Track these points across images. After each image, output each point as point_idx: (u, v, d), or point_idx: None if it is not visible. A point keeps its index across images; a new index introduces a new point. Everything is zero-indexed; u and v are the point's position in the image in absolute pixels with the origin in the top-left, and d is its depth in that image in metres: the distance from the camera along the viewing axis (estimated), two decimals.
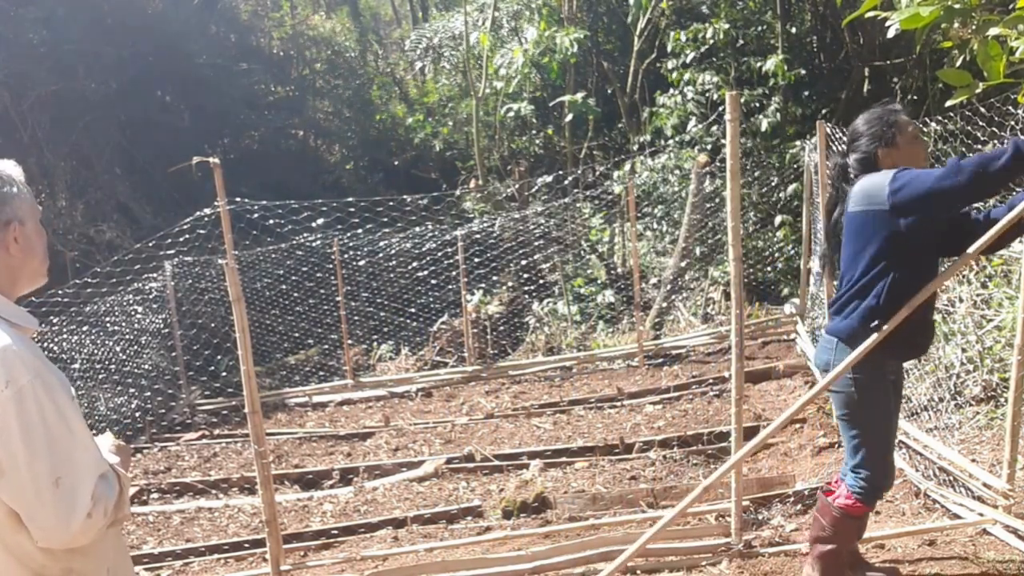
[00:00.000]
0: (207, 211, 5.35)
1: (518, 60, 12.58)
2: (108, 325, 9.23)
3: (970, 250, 2.95)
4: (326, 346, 11.33)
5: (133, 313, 9.84)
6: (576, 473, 6.07)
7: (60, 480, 1.71)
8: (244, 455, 7.70)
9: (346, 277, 10.46)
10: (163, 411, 9.54)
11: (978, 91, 2.48)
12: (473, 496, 5.86)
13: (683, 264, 10.13)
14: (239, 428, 8.50)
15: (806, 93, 11.65)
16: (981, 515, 4.15)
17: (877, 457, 3.23)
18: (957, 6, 2.26)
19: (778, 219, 10.15)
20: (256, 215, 7.40)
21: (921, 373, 5.95)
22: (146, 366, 9.87)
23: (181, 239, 6.33)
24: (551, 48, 12.37)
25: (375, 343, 11.23)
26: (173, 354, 10.31)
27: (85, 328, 8.72)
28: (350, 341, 10.20)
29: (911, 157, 3.03)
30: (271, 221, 8.34)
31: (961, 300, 6.21)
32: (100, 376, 9.01)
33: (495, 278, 11.57)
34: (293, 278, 11.10)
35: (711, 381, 7.77)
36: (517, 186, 12.87)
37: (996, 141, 6.10)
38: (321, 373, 10.71)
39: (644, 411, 7.48)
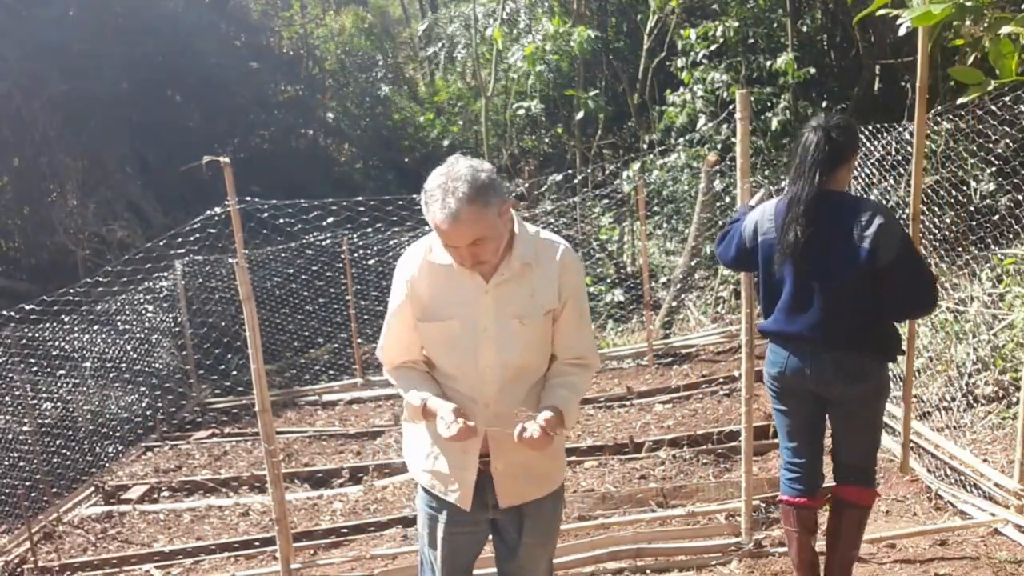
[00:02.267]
0: (217, 210, 5.36)
1: (528, 56, 12.57)
2: (119, 324, 9.27)
3: None
4: (336, 345, 11.34)
5: (144, 312, 9.87)
6: (585, 472, 6.06)
7: None
8: (254, 453, 7.72)
9: (356, 276, 10.46)
10: (174, 409, 9.57)
11: (990, 89, 2.46)
12: None
13: (693, 263, 10.10)
14: (249, 427, 8.53)
15: (816, 91, 11.60)
16: (993, 515, 4.14)
17: (781, 451, 3.49)
18: (969, 4, 2.24)
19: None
20: (266, 214, 7.39)
21: (933, 372, 5.92)
22: (157, 365, 9.91)
23: (192, 238, 6.34)
24: (563, 47, 12.35)
25: None
26: (184, 353, 10.35)
27: (96, 327, 8.76)
28: (360, 340, 10.20)
29: (850, 176, 3.32)
30: (281, 220, 8.33)
31: (973, 299, 6.18)
32: (111, 375, 9.04)
33: None
34: (303, 277, 11.12)
35: (721, 380, 7.74)
36: (527, 185, 12.86)
37: (1008, 140, 6.08)
38: (331, 372, 10.73)
39: (654, 410, 7.47)
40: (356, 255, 10.54)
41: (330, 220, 9.56)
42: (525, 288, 2.44)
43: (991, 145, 6.34)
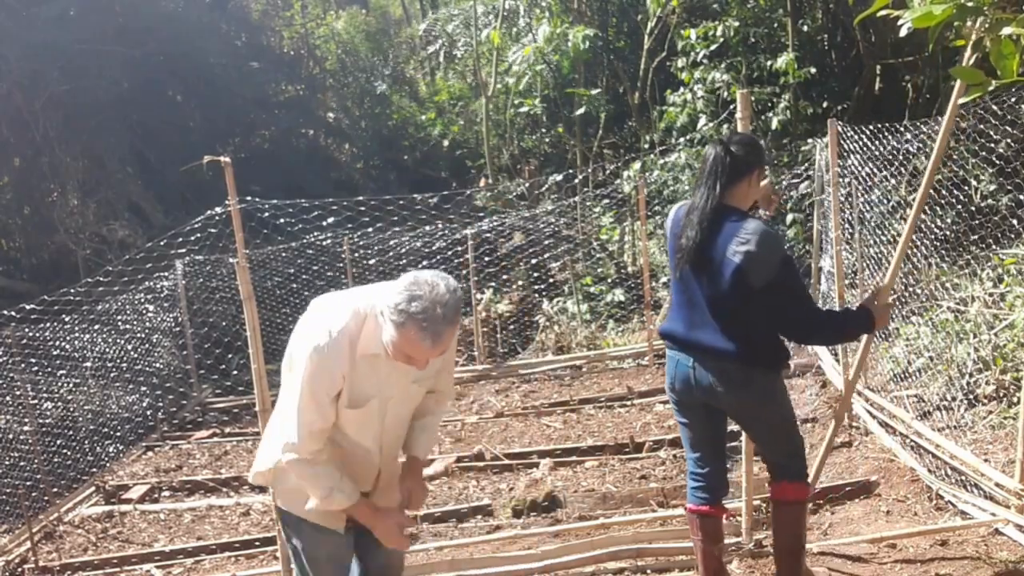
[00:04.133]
0: (218, 210, 5.35)
1: (528, 56, 12.57)
2: (120, 324, 9.26)
3: None
4: None
5: (144, 312, 9.87)
6: (586, 472, 6.07)
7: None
8: (255, 453, 7.71)
9: (356, 276, 10.47)
10: (174, 409, 9.57)
11: (991, 89, 2.46)
12: (483, 495, 5.87)
13: None
14: (250, 426, 8.52)
15: (817, 91, 11.60)
16: (993, 515, 4.14)
17: (687, 460, 3.56)
18: (970, 4, 2.25)
19: (788, 217, 10.12)
20: (267, 214, 7.40)
21: (934, 372, 5.92)
22: (157, 364, 9.90)
23: (192, 238, 6.33)
24: (562, 47, 12.36)
25: None
26: (184, 353, 10.34)
27: (97, 327, 8.76)
28: None
29: (756, 192, 3.36)
30: (282, 220, 8.34)
31: (974, 299, 6.18)
32: (112, 374, 9.04)
33: (505, 277, 11.57)
34: (304, 277, 11.11)
35: None
36: (527, 185, 12.86)
37: (1009, 139, 6.08)
38: None
39: (654, 410, 7.47)
40: (357, 255, 10.55)
41: (331, 220, 9.56)
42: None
43: (992, 145, 6.34)
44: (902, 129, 6.16)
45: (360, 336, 2.48)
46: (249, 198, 6.01)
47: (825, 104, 11.46)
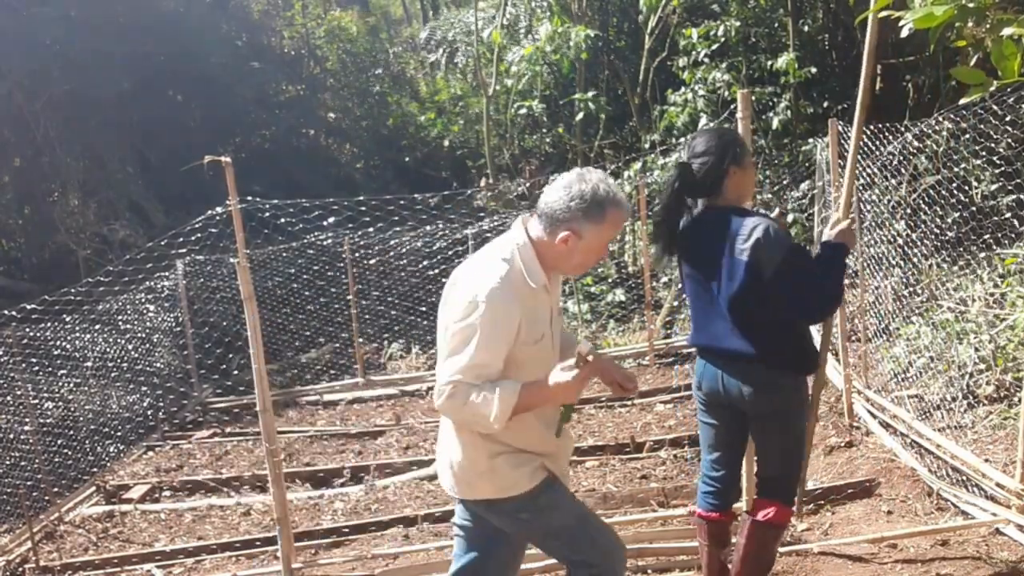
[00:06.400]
0: (219, 210, 5.36)
1: (529, 56, 12.57)
2: (120, 324, 9.27)
3: None
4: (337, 344, 11.34)
5: (145, 312, 9.88)
6: (587, 472, 6.07)
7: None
8: (255, 453, 7.72)
9: (357, 275, 10.47)
10: (175, 409, 9.57)
11: (992, 89, 2.47)
12: None
13: None
14: (250, 426, 8.53)
15: (817, 91, 11.60)
16: (994, 515, 4.14)
17: (702, 463, 3.57)
18: (971, 5, 2.25)
19: (789, 217, 10.12)
20: (267, 214, 7.42)
21: (934, 372, 5.92)
22: (158, 364, 9.91)
23: (193, 238, 6.34)
24: (563, 45, 12.36)
25: (386, 341, 11.24)
26: (185, 352, 10.35)
27: (98, 327, 8.77)
28: (361, 339, 10.21)
29: (751, 180, 3.31)
30: (282, 220, 8.35)
31: (975, 299, 6.18)
32: (112, 374, 9.05)
33: None
34: (304, 277, 11.12)
35: None
36: (528, 184, 12.86)
37: (1009, 139, 6.08)
38: (332, 371, 10.73)
39: (655, 410, 7.48)
40: (357, 255, 10.54)
41: (331, 220, 9.57)
42: (554, 281, 2.69)
43: (993, 145, 6.34)
44: (903, 129, 6.16)
45: (525, 272, 2.52)
46: (250, 198, 6.03)
47: (826, 104, 11.46)
